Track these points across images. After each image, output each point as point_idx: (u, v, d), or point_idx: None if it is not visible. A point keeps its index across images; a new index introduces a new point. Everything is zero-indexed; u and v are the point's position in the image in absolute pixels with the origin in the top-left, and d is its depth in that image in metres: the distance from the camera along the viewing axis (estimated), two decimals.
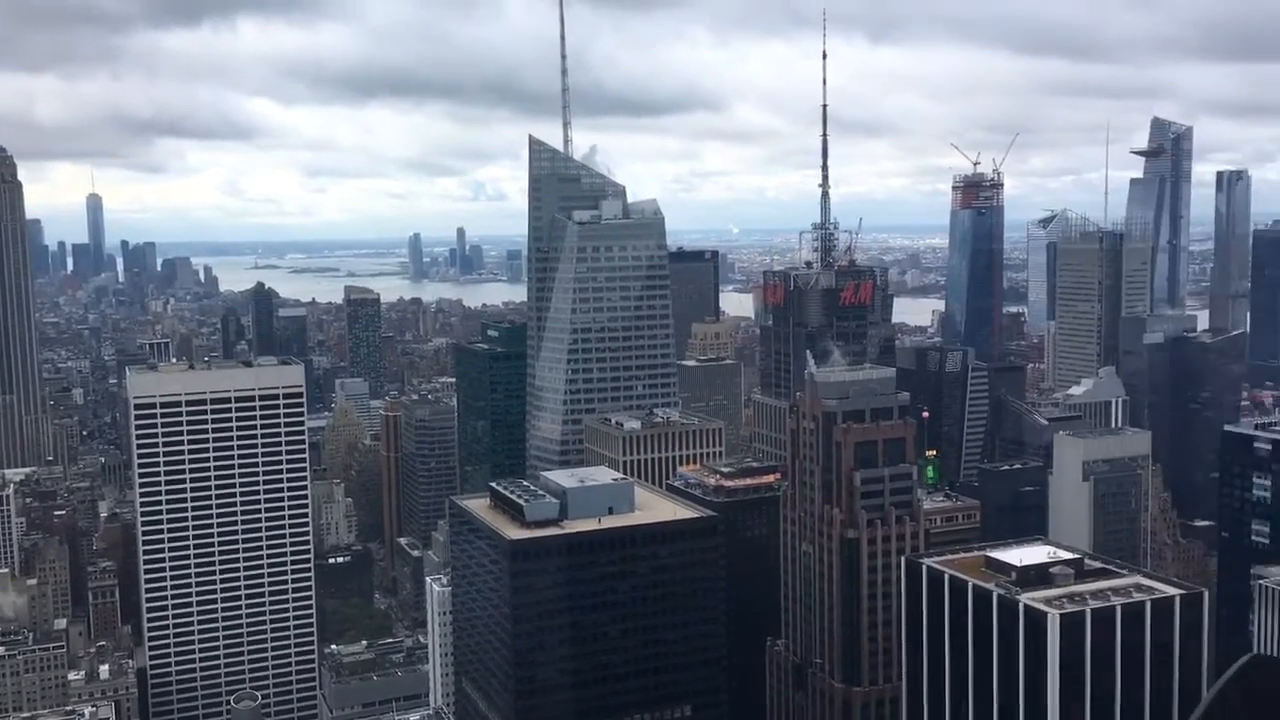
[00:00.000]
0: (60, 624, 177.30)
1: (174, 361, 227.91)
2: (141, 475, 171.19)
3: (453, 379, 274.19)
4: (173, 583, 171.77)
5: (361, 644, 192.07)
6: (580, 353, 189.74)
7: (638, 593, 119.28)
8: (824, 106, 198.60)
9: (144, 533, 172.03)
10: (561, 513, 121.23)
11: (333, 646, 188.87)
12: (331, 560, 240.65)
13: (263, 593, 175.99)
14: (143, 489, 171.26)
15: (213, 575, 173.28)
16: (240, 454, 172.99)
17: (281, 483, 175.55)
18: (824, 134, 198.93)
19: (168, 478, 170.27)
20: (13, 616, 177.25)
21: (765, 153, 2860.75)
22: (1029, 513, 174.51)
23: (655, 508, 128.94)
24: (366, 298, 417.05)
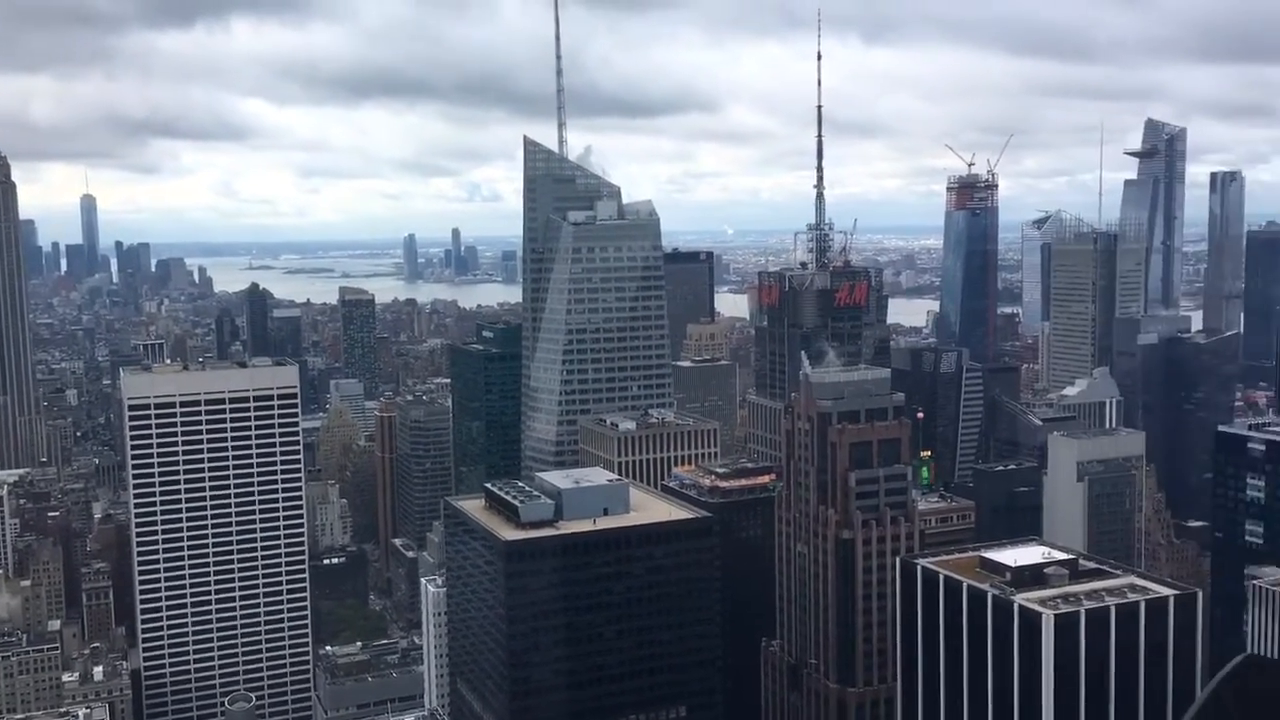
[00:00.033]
0: (54, 625, 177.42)
1: (168, 362, 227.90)
2: (135, 476, 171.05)
3: (448, 380, 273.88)
4: (167, 584, 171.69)
5: (356, 645, 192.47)
6: (575, 353, 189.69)
7: (633, 593, 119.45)
8: (819, 107, 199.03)
9: (138, 534, 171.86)
10: (557, 514, 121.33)
11: (327, 648, 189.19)
12: (326, 561, 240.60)
13: (257, 594, 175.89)
14: (137, 490, 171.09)
15: (207, 576, 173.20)
16: (235, 455, 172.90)
17: (276, 484, 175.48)
18: (819, 135, 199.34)
19: (162, 479, 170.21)
20: (6, 618, 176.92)
21: (760, 154, 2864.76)
22: (1023, 513, 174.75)
23: (650, 508, 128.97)
24: (361, 298, 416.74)
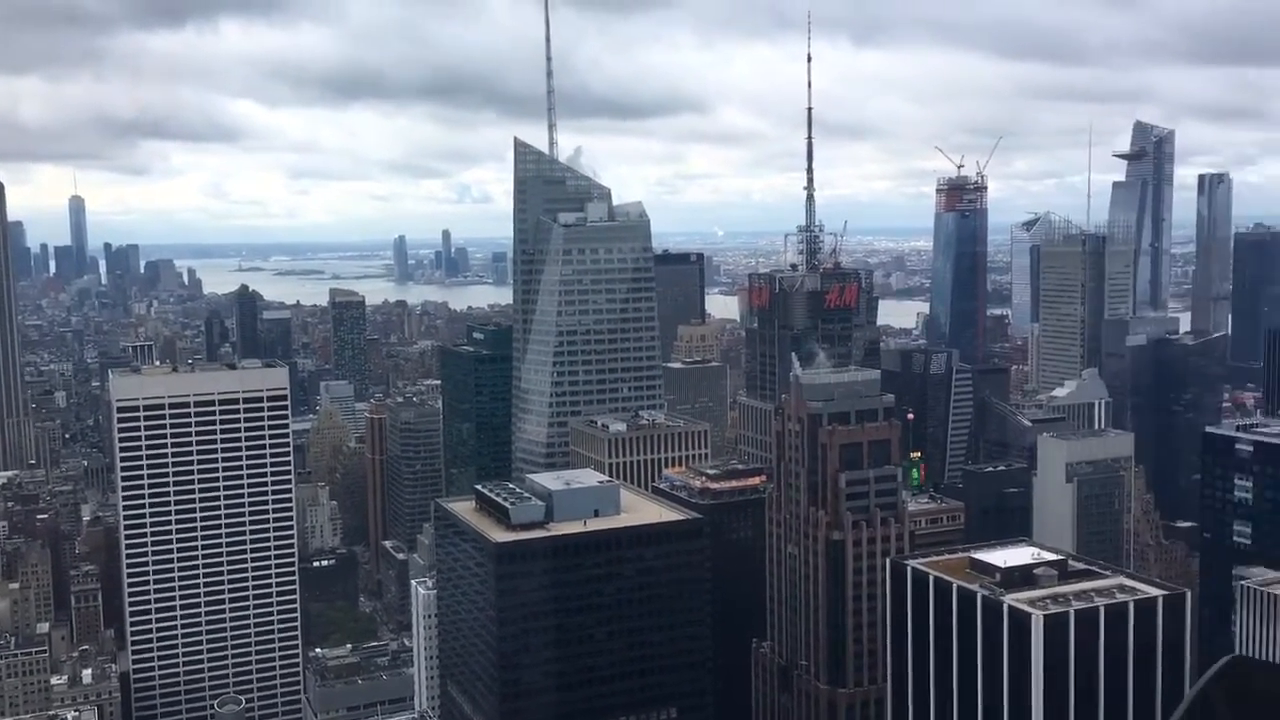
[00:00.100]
0: (43, 628, 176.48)
1: (157, 364, 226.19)
2: (124, 478, 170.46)
3: (438, 381, 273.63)
4: (156, 586, 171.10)
5: (346, 647, 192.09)
6: (566, 355, 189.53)
7: (623, 595, 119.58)
8: (809, 109, 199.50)
9: (127, 536, 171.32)
10: (547, 515, 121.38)
11: (317, 650, 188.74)
12: (316, 563, 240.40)
13: (247, 596, 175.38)
14: (126, 492, 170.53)
15: (196, 579, 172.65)
16: (224, 457, 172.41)
17: (265, 486, 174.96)
18: (809, 137, 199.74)
19: (151, 481, 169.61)
20: None
21: (750, 155, 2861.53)
22: (1013, 514, 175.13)
23: (641, 510, 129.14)
24: (351, 300, 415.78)
